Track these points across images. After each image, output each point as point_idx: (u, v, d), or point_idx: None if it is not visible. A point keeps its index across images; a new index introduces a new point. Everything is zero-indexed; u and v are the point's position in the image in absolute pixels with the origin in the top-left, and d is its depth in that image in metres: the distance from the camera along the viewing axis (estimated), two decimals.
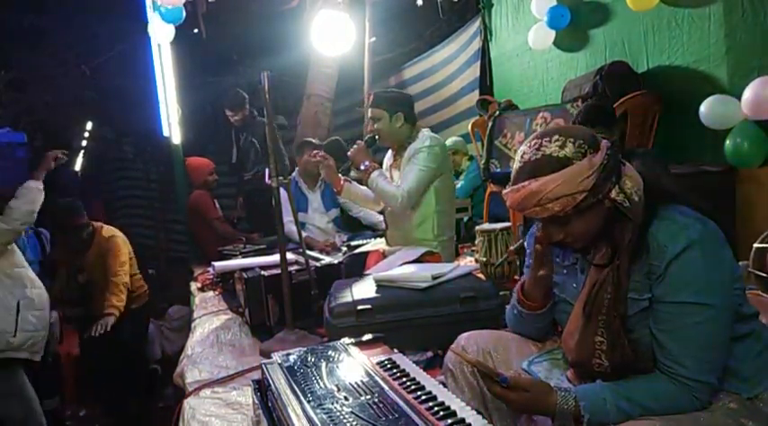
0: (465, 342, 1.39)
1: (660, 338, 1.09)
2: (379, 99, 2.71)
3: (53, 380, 3.46)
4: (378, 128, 2.70)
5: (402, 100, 2.74)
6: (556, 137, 1.13)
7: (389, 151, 2.88)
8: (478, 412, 0.97)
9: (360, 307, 1.85)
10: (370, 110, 2.73)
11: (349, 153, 2.75)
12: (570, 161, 1.10)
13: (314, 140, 3.90)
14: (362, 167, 2.66)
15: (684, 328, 1.07)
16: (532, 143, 1.15)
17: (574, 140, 1.11)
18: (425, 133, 2.70)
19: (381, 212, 2.99)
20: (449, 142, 4.68)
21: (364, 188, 2.76)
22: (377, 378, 1.13)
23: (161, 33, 4.06)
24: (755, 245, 2.07)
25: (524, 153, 1.16)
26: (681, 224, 1.09)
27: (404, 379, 1.12)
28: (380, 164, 2.82)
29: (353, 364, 1.24)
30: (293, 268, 2.33)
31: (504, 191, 1.19)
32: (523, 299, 1.37)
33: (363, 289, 2.01)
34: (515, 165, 1.18)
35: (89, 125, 8.56)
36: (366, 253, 2.89)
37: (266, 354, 1.91)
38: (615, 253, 1.14)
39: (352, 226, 3.96)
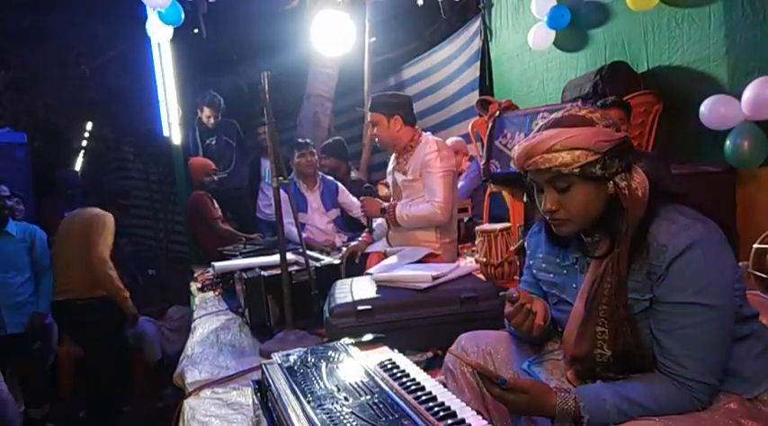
0: (465, 343, 1.39)
1: (661, 338, 1.09)
2: (376, 103, 2.70)
3: (42, 388, 3.45)
4: (377, 133, 2.70)
5: (399, 102, 2.73)
6: (587, 107, 1.17)
7: (393, 155, 2.88)
8: (478, 413, 0.97)
9: (360, 308, 1.85)
10: (369, 115, 2.73)
11: (361, 210, 2.79)
12: (594, 122, 1.12)
13: (306, 140, 3.89)
14: (382, 214, 2.70)
15: (685, 329, 1.07)
16: (564, 110, 1.18)
17: (603, 113, 1.15)
18: (428, 138, 2.71)
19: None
20: (449, 142, 4.68)
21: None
22: (377, 379, 1.13)
23: (159, 33, 4.07)
24: (755, 246, 2.07)
25: (550, 117, 1.19)
26: (682, 224, 1.09)
27: (404, 380, 1.12)
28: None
29: (353, 364, 1.24)
30: (293, 268, 2.33)
31: (515, 147, 1.19)
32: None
33: (363, 289, 2.01)
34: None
35: (89, 125, 8.56)
36: (366, 253, 2.89)
37: (266, 354, 1.92)
38: (614, 244, 1.14)
39: (353, 226, 3.96)
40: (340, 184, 3.96)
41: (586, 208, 1.15)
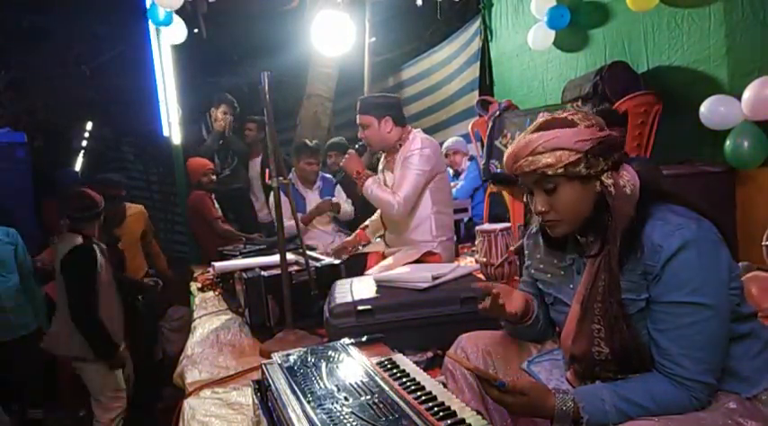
0: (465, 343, 1.39)
1: (658, 338, 1.10)
2: (365, 106, 2.69)
3: (41, 389, 3.45)
4: (367, 135, 2.69)
5: (389, 103, 2.72)
6: (570, 110, 1.20)
7: (383, 155, 2.89)
8: (478, 413, 0.97)
9: (360, 308, 1.85)
10: (358, 117, 2.71)
11: (342, 162, 2.75)
12: (575, 124, 1.14)
13: (311, 144, 3.89)
14: (356, 175, 2.66)
15: (681, 328, 1.07)
16: (548, 114, 1.21)
17: (585, 114, 1.17)
18: (416, 135, 2.69)
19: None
20: (449, 142, 4.69)
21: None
22: (377, 379, 1.13)
23: (172, 34, 4.09)
24: None
25: (537, 121, 1.22)
26: (675, 224, 1.09)
27: (404, 379, 1.12)
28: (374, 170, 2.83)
29: (353, 364, 1.24)
30: (293, 268, 2.33)
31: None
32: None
33: (363, 289, 2.01)
34: None
35: (89, 125, 8.56)
36: (366, 254, 2.89)
37: (266, 354, 1.91)
38: (605, 243, 1.15)
39: (353, 225, 3.96)
40: (338, 185, 3.96)
41: (575, 208, 1.16)
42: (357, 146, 2.74)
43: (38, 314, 3.35)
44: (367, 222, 3.10)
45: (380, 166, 2.91)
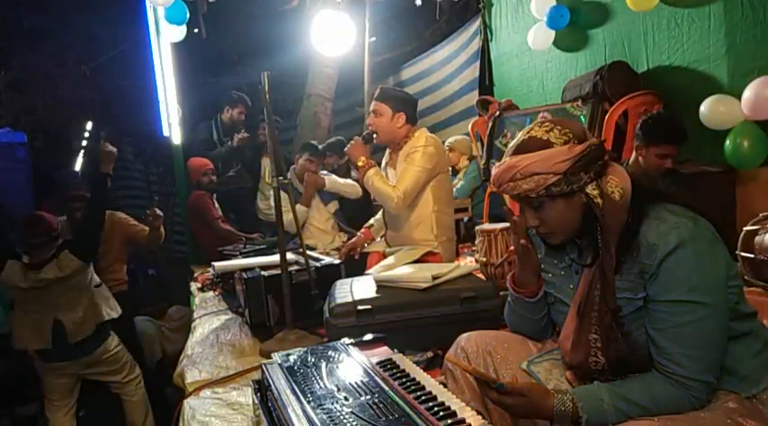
0: (465, 343, 1.39)
1: (656, 337, 1.10)
2: (385, 94, 2.70)
3: (29, 387, 3.43)
4: (377, 122, 2.69)
5: (407, 100, 2.74)
6: (546, 124, 1.18)
7: (387, 150, 2.89)
8: (478, 413, 0.97)
9: (360, 307, 1.85)
10: (373, 103, 2.72)
11: (346, 149, 2.75)
12: (551, 144, 1.14)
13: (318, 145, 3.91)
14: (359, 164, 2.66)
15: (679, 327, 1.07)
16: (527, 129, 1.22)
17: (561, 128, 1.16)
18: (422, 133, 2.70)
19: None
20: (450, 140, 4.68)
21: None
22: (377, 379, 1.13)
23: (172, 32, 4.09)
24: (745, 228, 2.12)
25: (517, 137, 1.22)
26: (671, 223, 1.09)
27: (404, 379, 1.12)
28: (378, 163, 2.82)
29: (353, 364, 1.24)
30: (293, 268, 2.33)
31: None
32: (516, 287, 1.39)
33: (363, 289, 2.01)
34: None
35: (89, 125, 8.56)
36: (366, 253, 2.89)
37: (266, 354, 1.92)
38: (599, 252, 1.15)
39: (354, 223, 3.95)
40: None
41: (564, 222, 1.18)
42: (364, 134, 2.72)
43: None
44: (371, 221, 3.10)
45: (383, 162, 2.91)
